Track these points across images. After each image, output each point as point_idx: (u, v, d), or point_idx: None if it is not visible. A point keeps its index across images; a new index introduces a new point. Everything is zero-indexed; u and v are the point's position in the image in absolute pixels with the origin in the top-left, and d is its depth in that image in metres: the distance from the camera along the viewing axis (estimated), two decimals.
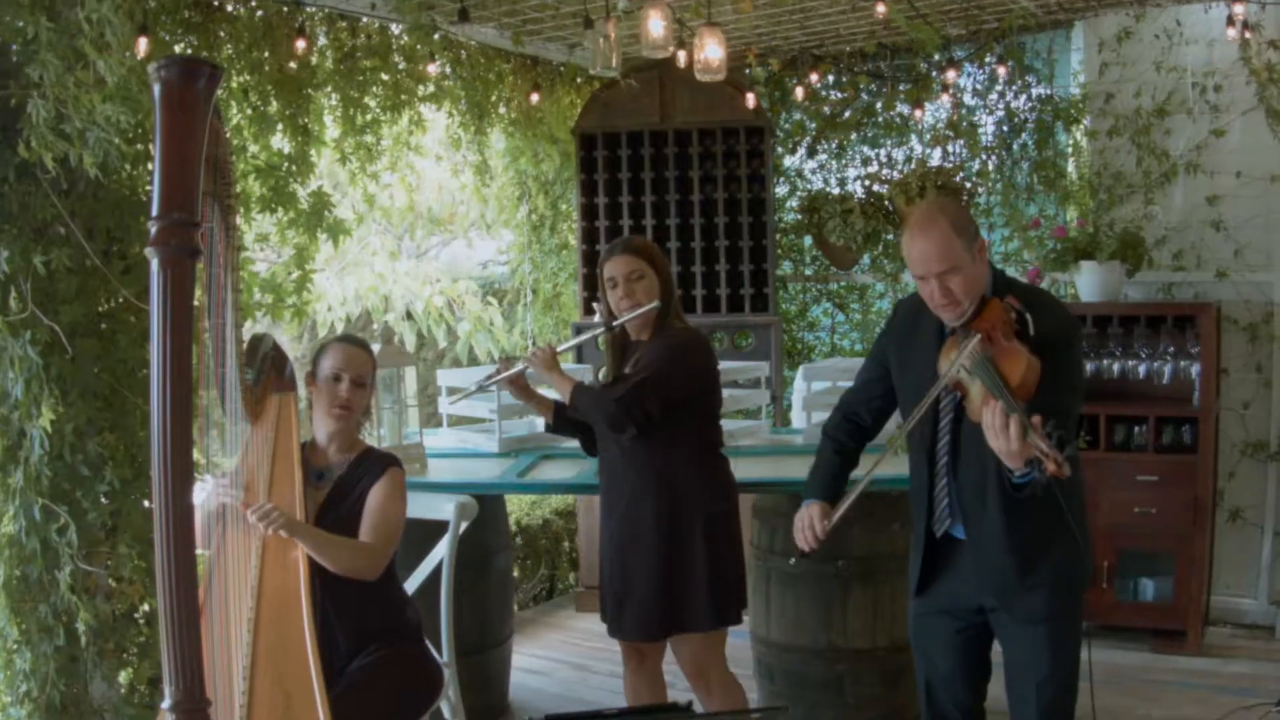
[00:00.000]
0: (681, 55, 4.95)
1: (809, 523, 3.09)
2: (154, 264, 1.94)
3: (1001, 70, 5.74)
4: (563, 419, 3.82)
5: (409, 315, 7.23)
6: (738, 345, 6.28)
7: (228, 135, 3.10)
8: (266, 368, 3.38)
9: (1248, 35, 5.07)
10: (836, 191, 6.43)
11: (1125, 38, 5.50)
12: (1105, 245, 5.18)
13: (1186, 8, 5.33)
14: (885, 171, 6.36)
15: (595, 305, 6.25)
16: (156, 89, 1.96)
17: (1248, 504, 5.39)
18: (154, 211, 1.95)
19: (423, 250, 8.08)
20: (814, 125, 6.57)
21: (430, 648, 3.55)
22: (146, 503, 3.71)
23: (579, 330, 6.29)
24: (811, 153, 6.63)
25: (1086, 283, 5.31)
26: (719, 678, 3.71)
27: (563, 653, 5.50)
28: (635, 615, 3.64)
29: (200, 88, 1.98)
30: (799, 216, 6.60)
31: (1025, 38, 5.88)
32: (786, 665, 4.44)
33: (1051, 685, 3.03)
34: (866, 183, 6.34)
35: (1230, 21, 5.01)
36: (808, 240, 6.66)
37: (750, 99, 5.81)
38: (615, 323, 3.62)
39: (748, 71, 6.23)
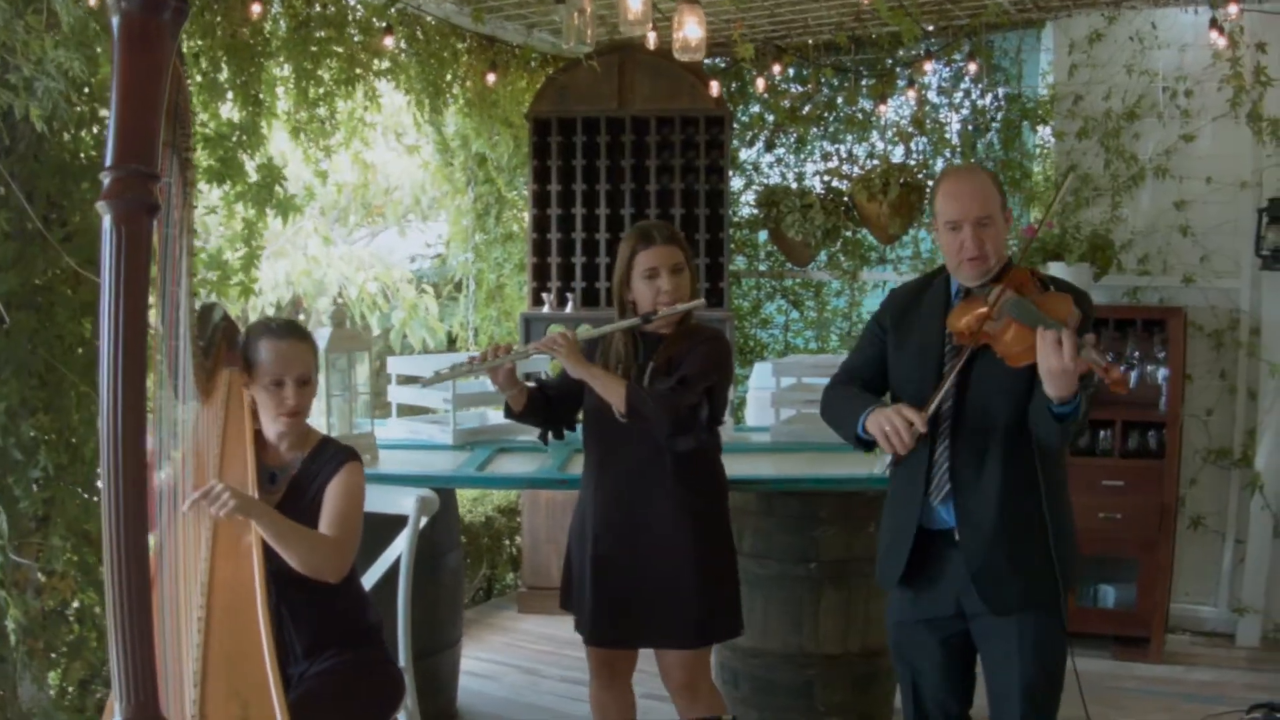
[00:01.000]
0: (652, 37, 4.74)
1: (903, 420, 2.78)
2: (106, 220, 1.66)
3: (972, 66, 5.58)
4: (534, 407, 3.51)
5: (341, 301, 6.93)
6: None
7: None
8: (218, 340, 3.07)
9: (1219, 40, 4.96)
10: (794, 186, 6.23)
11: (1096, 39, 5.38)
12: (1074, 247, 5.04)
13: (1161, 11, 5.22)
14: (846, 167, 6.18)
15: (544, 295, 6.04)
16: (115, 21, 1.67)
17: (1209, 511, 5.29)
18: (108, 160, 1.68)
19: (353, 236, 7.77)
20: (772, 118, 6.37)
21: (389, 653, 3.28)
22: (82, 490, 3.40)
23: (528, 321, 6.05)
24: (770, 146, 6.43)
25: None
26: (706, 689, 3.45)
27: (509, 656, 5.22)
28: (678, 621, 3.31)
29: (165, 20, 1.69)
30: (754, 211, 6.39)
31: (994, 36, 5.75)
32: (753, 671, 4.22)
33: (1034, 684, 2.88)
34: (826, 178, 6.14)
35: (1214, 24, 4.90)
36: (763, 235, 6.45)
37: (715, 87, 5.60)
38: (657, 316, 3.29)
39: (720, 63, 6.03)
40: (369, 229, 7.70)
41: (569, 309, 5.98)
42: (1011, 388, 2.81)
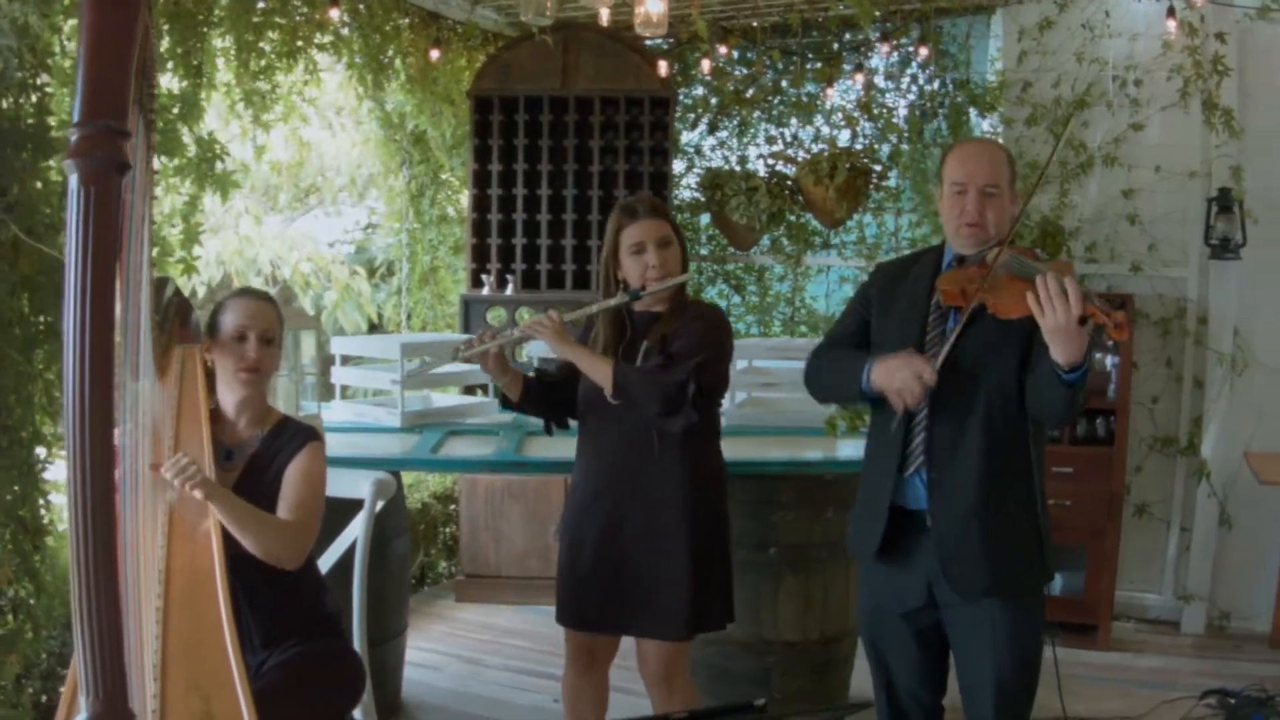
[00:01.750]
0: (605, 13, 4.59)
1: (913, 372, 2.69)
2: (72, 180, 1.51)
3: (923, 51, 5.51)
4: (531, 397, 3.34)
5: (274, 281, 6.69)
6: None
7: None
8: (171, 315, 2.88)
9: (1172, 28, 4.95)
10: (738, 170, 6.12)
11: (1047, 27, 5.34)
12: (1026, 234, 5.00)
13: (1119, 1, 5.20)
14: (790, 151, 6.08)
15: (483, 277, 5.86)
16: None
17: (1154, 499, 5.29)
18: (75, 116, 1.54)
19: (286, 215, 7.51)
20: (715, 101, 6.25)
21: (349, 642, 3.10)
22: (17, 474, 3.15)
23: (467, 304, 5.87)
24: (713, 129, 6.31)
25: None
26: (682, 683, 3.31)
27: (450, 645, 5.04)
28: (665, 611, 3.17)
29: None
30: (696, 194, 6.27)
31: (943, 22, 5.69)
32: (709, 659, 4.09)
33: (1007, 677, 2.79)
34: (771, 162, 6.04)
35: (1171, 13, 4.89)
36: (704, 219, 6.33)
37: (663, 67, 5.47)
38: (646, 292, 3.13)
39: (664, 44, 5.89)
40: (303, 209, 7.44)
41: (509, 291, 5.81)
42: (999, 361, 2.75)
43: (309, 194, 7.26)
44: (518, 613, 5.38)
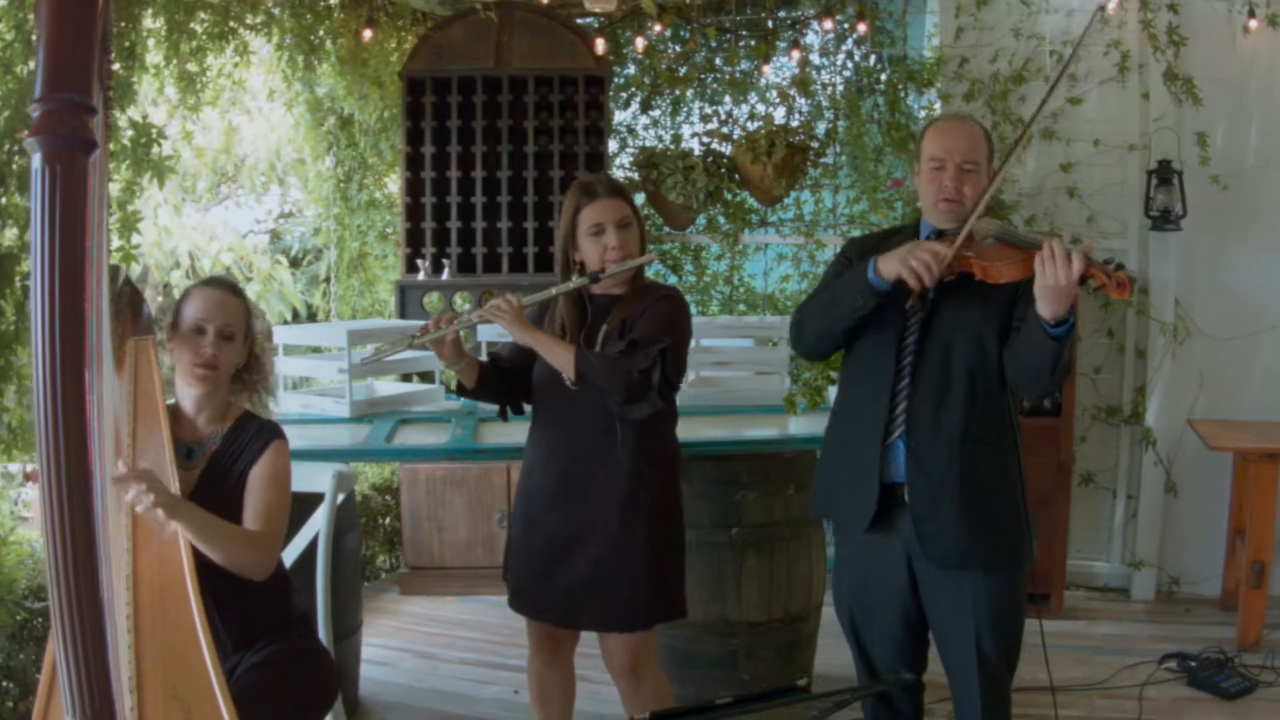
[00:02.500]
0: None
1: (928, 251, 2.65)
2: (35, 159, 1.39)
3: (861, 27, 5.46)
4: (487, 382, 3.20)
5: (194, 273, 6.45)
6: None
7: None
8: (124, 306, 2.70)
9: (1112, 5, 4.96)
10: (672, 149, 6.01)
11: (984, 3, 5.31)
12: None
13: None
14: (726, 128, 5.99)
15: (419, 262, 5.68)
16: None
17: (1099, 468, 5.31)
18: (37, 91, 1.41)
19: (205, 203, 7.25)
20: (648, 79, 6.13)
21: (320, 641, 2.95)
22: None
23: (403, 290, 5.69)
24: (645, 107, 6.19)
25: None
26: (651, 673, 3.20)
27: (401, 640, 4.88)
28: (624, 603, 3.06)
29: None
30: (629, 174, 6.14)
31: None
32: (673, 643, 4.00)
33: (990, 652, 2.79)
34: (705, 140, 5.94)
35: None
36: (639, 198, 6.21)
37: (600, 45, 5.35)
38: (605, 275, 3.01)
39: (595, 23, 5.75)
40: (216, 198, 7.18)
41: (445, 276, 5.64)
42: (980, 332, 2.75)
43: (225, 181, 7.00)
44: (465, 604, 5.24)
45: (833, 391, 3.94)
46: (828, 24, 5.57)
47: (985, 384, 2.77)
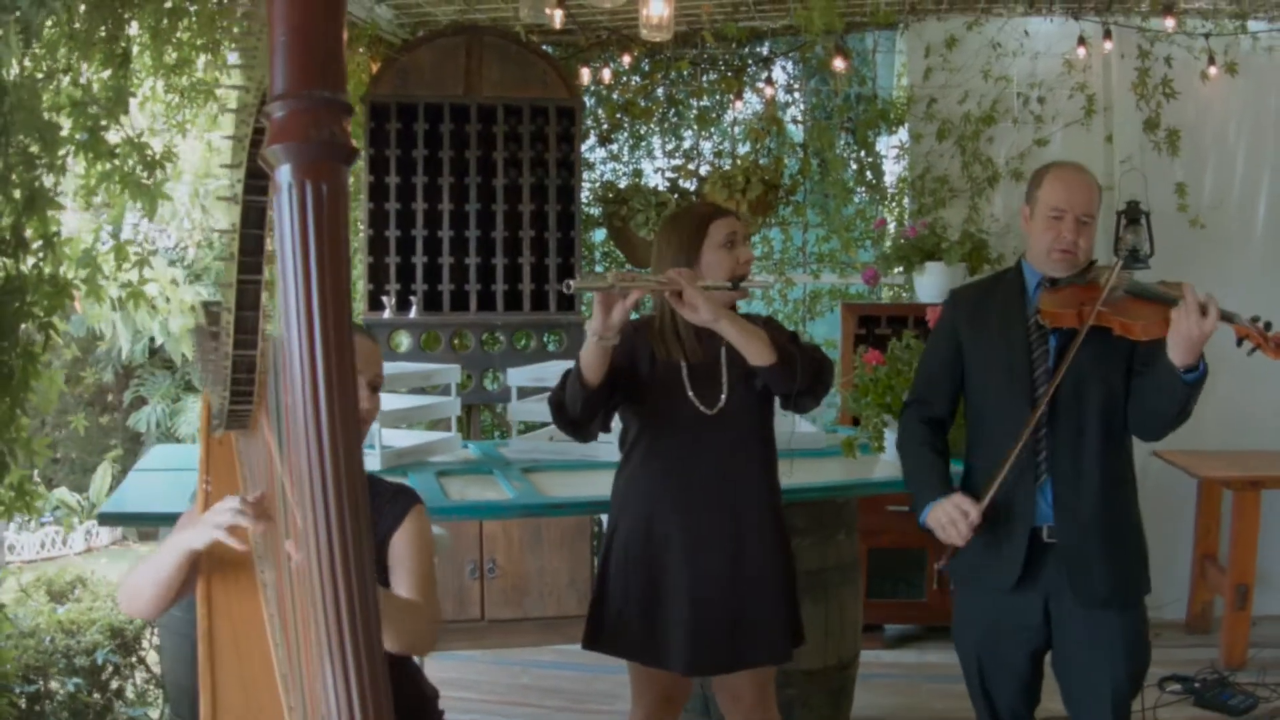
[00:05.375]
0: (558, 15, 4.27)
1: (960, 513, 2.71)
2: (283, 174, 1.10)
3: (840, 62, 5.44)
4: (602, 386, 2.77)
5: (120, 306, 5.93)
6: (546, 346, 5.58)
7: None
8: None
9: (1081, 54, 5.10)
10: (632, 183, 5.87)
11: (953, 44, 5.38)
12: (956, 249, 5.02)
13: (1021, 20, 5.29)
14: (693, 164, 5.89)
15: (384, 299, 5.38)
16: None
17: None
18: (278, 86, 1.11)
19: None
20: (604, 112, 5.98)
21: None
22: None
23: (369, 328, 5.37)
24: (604, 141, 6.04)
25: (929, 283, 5.14)
26: (773, 713, 3.07)
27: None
28: (776, 634, 2.89)
29: None
30: (589, 209, 5.97)
31: (849, 36, 5.65)
32: (698, 685, 3.85)
33: (1122, 685, 2.81)
34: (671, 175, 5.83)
35: (1082, 41, 5.03)
36: (597, 235, 6.05)
37: (586, 74, 5.18)
38: (744, 285, 2.83)
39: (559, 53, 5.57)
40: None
41: (413, 314, 5.35)
42: (1110, 377, 2.78)
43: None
44: (441, 661, 4.94)
45: (891, 437, 3.92)
46: (790, 63, 5.55)
47: (1117, 427, 2.81)
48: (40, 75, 3.32)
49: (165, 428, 7.85)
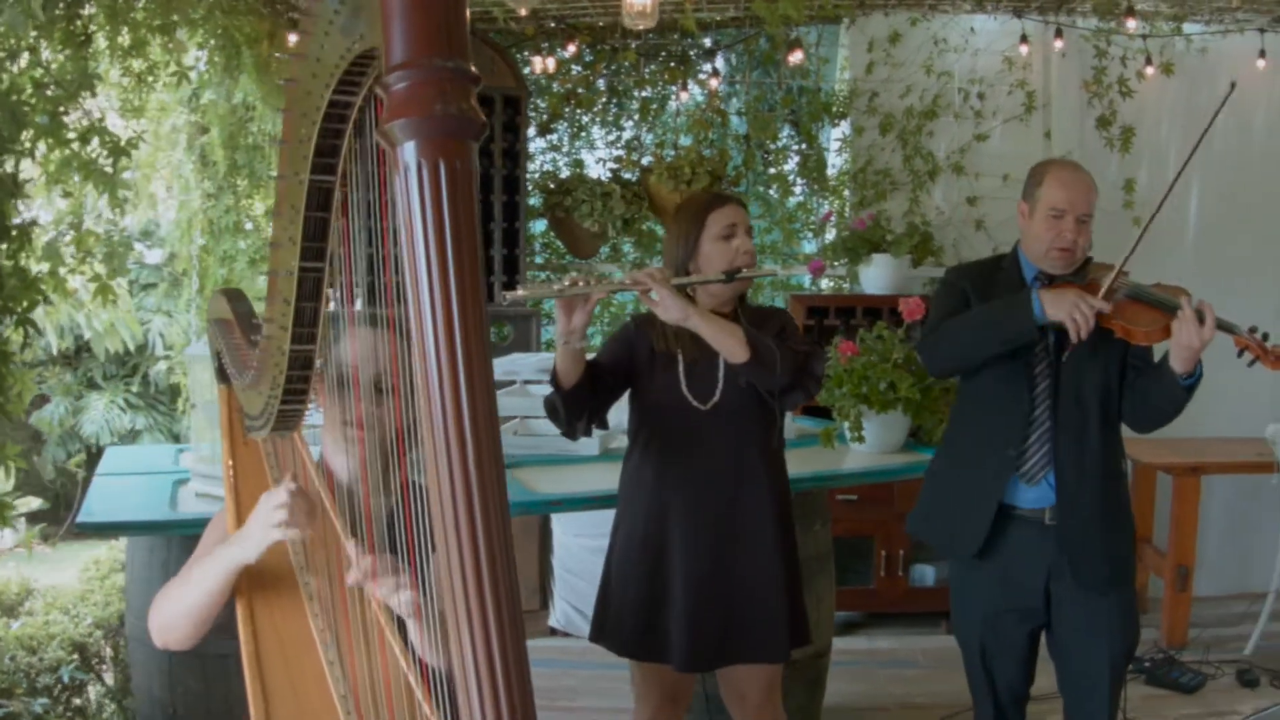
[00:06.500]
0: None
1: (1089, 304, 2.69)
2: (407, 152, 1.05)
3: (798, 55, 5.42)
4: (583, 386, 2.77)
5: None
6: (494, 339, 5.48)
7: None
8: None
9: (1024, 51, 5.19)
10: (572, 174, 5.79)
11: (896, 39, 5.42)
12: (904, 241, 5.08)
13: (966, 17, 5.36)
14: (635, 155, 5.83)
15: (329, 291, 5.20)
16: None
17: None
18: (397, 55, 1.04)
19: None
20: (545, 102, 5.88)
21: None
22: None
23: None
24: (544, 131, 5.94)
25: (875, 275, 5.19)
26: (780, 712, 3.06)
27: None
28: (779, 630, 2.86)
29: None
30: (531, 200, 5.86)
31: (793, 29, 5.65)
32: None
33: (1119, 662, 2.93)
34: (614, 166, 5.76)
35: (1024, 39, 5.12)
36: (537, 225, 5.95)
37: (538, 63, 5.10)
38: (740, 276, 2.76)
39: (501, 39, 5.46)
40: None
41: (358, 306, 5.19)
42: (1107, 372, 2.88)
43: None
44: None
45: (870, 426, 3.93)
46: (732, 55, 5.54)
47: (1113, 417, 2.92)
48: (1, 54, 3.13)
49: (67, 426, 7.55)
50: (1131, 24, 4.98)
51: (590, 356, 2.87)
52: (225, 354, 2.27)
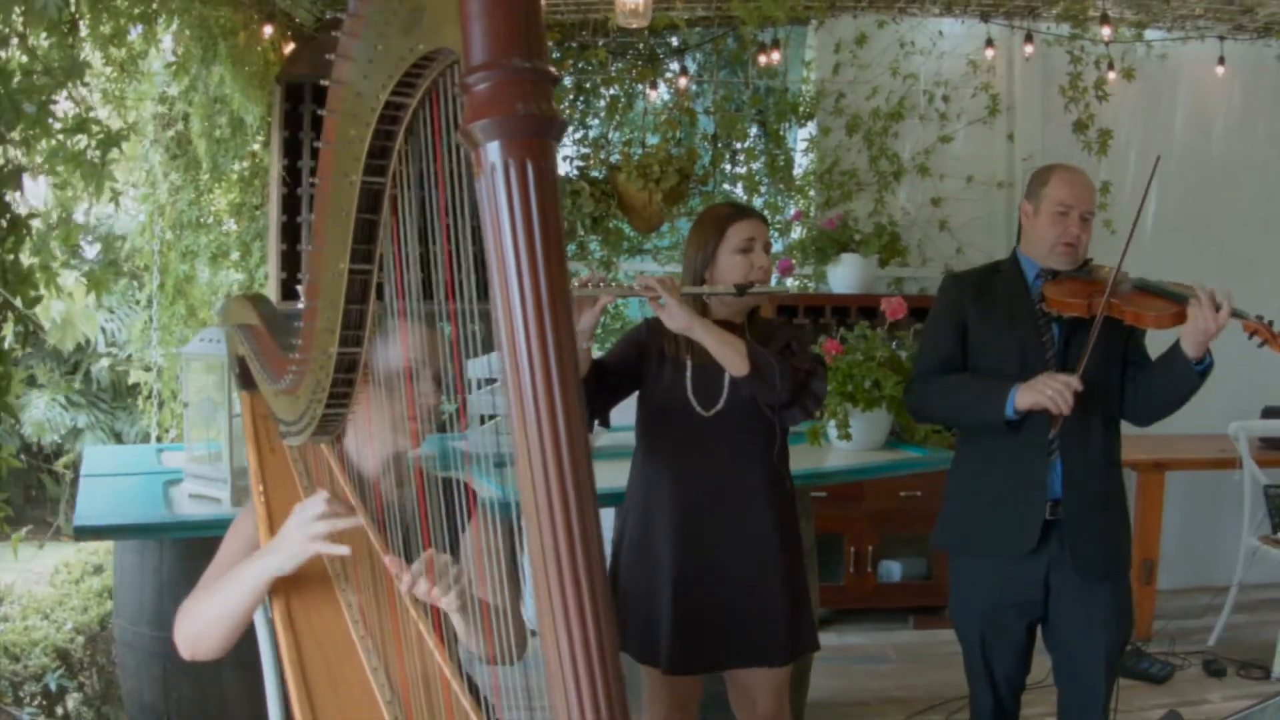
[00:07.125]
0: None
1: (1060, 382, 2.76)
2: (491, 152, 1.03)
3: (776, 56, 5.42)
4: (588, 384, 2.76)
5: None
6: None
7: None
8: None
9: (990, 55, 5.26)
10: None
11: (863, 41, 5.47)
12: (873, 241, 5.12)
13: (937, 21, 5.42)
14: (603, 153, 5.81)
15: (298, 288, 5.12)
16: None
17: None
18: (476, 56, 1.03)
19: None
20: None
21: None
22: None
23: (287, 319, 5.12)
24: None
25: (843, 274, 5.23)
26: (788, 716, 3.06)
27: None
28: (785, 634, 2.84)
29: None
30: None
31: (759, 30, 5.67)
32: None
33: (1115, 650, 2.98)
34: (581, 164, 5.73)
35: (990, 43, 5.19)
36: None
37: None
38: (753, 291, 2.76)
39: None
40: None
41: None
42: (1111, 362, 2.95)
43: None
44: None
45: (854, 424, 3.96)
46: (700, 54, 5.54)
47: (1115, 411, 2.99)
48: None
49: (8, 425, 7.35)
50: (1106, 31, 5.06)
51: (596, 355, 2.89)
52: (252, 359, 2.22)
